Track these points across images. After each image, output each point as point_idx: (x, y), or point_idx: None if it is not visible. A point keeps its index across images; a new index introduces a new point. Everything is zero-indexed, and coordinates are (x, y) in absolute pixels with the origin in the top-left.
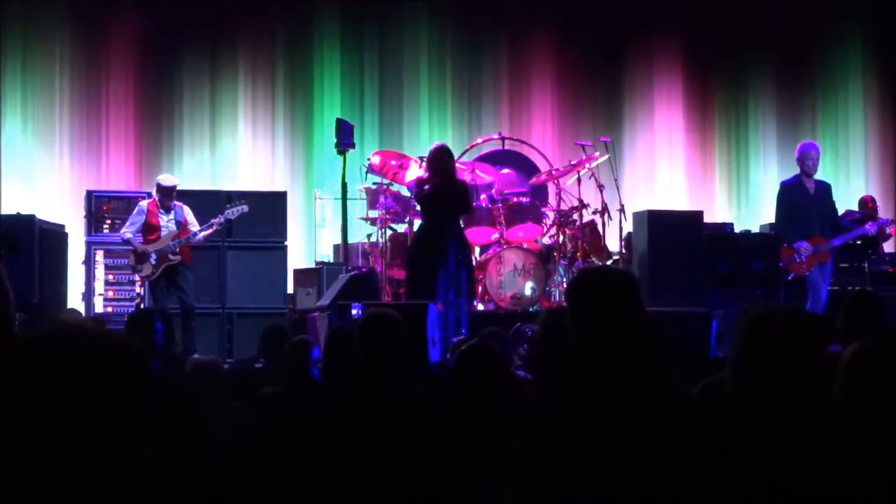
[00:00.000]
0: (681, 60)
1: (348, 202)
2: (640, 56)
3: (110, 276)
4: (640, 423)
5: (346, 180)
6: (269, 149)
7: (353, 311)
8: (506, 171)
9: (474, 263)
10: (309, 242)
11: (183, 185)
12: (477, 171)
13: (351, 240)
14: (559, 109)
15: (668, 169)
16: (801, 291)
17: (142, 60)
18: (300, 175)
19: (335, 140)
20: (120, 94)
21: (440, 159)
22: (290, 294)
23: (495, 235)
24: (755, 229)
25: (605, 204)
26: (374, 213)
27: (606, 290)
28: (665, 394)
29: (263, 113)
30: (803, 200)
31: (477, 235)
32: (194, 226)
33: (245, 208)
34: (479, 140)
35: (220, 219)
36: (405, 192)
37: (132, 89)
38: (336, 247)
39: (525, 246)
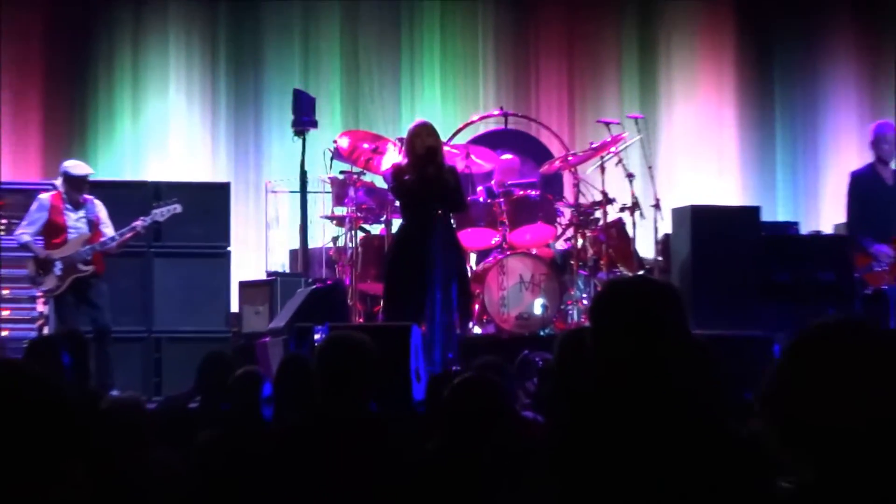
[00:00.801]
0: (733, 17)
1: (308, 196)
2: (680, 12)
3: (5, 291)
4: (682, 475)
5: (307, 168)
6: (207, 128)
7: (316, 336)
8: (509, 156)
9: (469, 274)
10: (259, 247)
11: (97, 175)
12: (472, 157)
13: (312, 244)
14: (576, 78)
15: (715, 153)
16: (882, 308)
17: (48, 16)
18: (247, 162)
19: (292, 117)
20: (18, 57)
21: (423, 141)
22: (234, 313)
23: (496, 239)
24: (827, 230)
25: (636, 198)
26: (341, 211)
27: (639, 307)
28: (714, 437)
29: (201, 83)
30: (879, 194)
31: (472, 238)
32: (108, 227)
33: (178, 208)
34: (475, 117)
35: (145, 221)
36: (381, 184)
37: (35, 51)
38: (293, 253)
39: (534, 252)
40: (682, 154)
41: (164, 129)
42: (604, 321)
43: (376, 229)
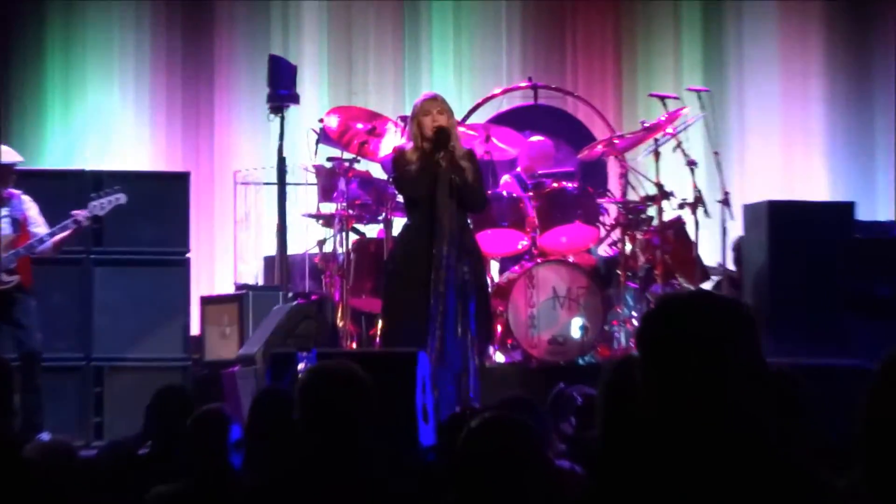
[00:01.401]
0: None
1: (288, 189)
2: None
3: None
4: None
5: (285, 154)
6: (161, 106)
7: (299, 366)
8: (539, 138)
9: (490, 287)
10: (225, 253)
11: (24, 163)
12: (494, 140)
13: (292, 249)
14: (623, 43)
15: (799, 136)
16: None
17: None
18: (210, 147)
19: (267, 90)
20: None
21: (433, 119)
22: (194, 336)
23: (523, 243)
24: None
25: (699, 192)
26: (329, 207)
27: (699, 330)
28: (801, 492)
29: (154, 49)
30: None
31: (494, 242)
32: (40, 226)
33: (122, 198)
34: (498, 90)
35: (83, 214)
36: (379, 173)
37: None
38: (268, 260)
39: (571, 259)
40: (756, 136)
41: (108, 108)
42: (655, 348)
43: (373, 231)
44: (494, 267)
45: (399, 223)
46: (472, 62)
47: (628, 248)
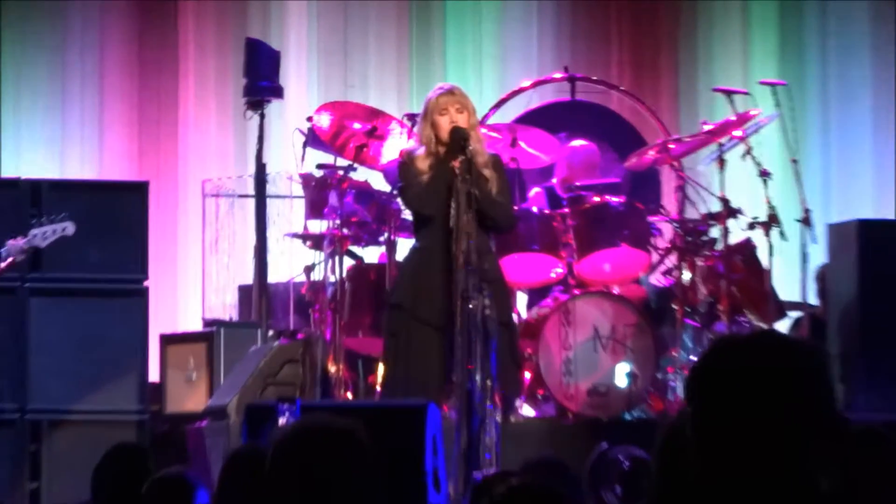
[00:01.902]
0: None
1: (269, 203)
2: None
3: None
4: None
5: (266, 160)
6: (114, 100)
7: (280, 420)
8: (581, 142)
9: (516, 324)
10: (192, 282)
11: None
12: (522, 144)
13: (275, 276)
14: (679, 27)
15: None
16: None
17: None
18: (174, 151)
19: (243, 82)
20: None
21: (450, 118)
22: (153, 384)
23: (558, 270)
24: None
25: (774, 208)
26: (319, 226)
27: (762, 379)
28: None
29: (103, 30)
30: None
31: (522, 270)
32: None
33: (69, 228)
34: (527, 83)
35: (17, 246)
36: (381, 184)
37: None
38: (244, 290)
39: (616, 291)
40: (845, 141)
41: (54, 106)
42: (707, 402)
43: (373, 255)
44: (522, 300)
45: (405, 245)
46: (496, 49)
47: (686, 277)
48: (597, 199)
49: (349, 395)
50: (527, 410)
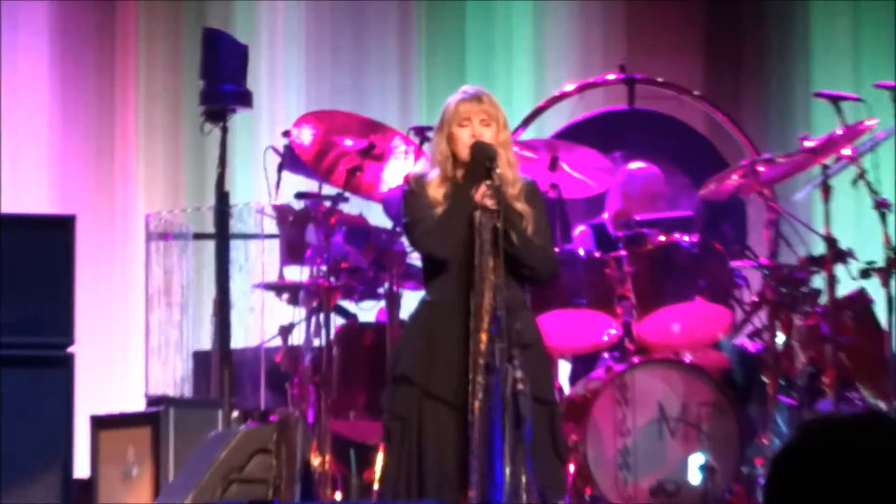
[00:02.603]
0: None
1: (233, 244)
2: None
3: None
4: None
5: (229, 188)
6: (33, 111)
7: None
8: (640, 164)
9: (558, 402)
10: (132, 347)
11: None
12: (564, 166)
13: (240, 340)
14: (764, 18)
15: None
16: None
17: None
18: (110, 177)
19: (199, 85)
20: None
21: (472, 130)
22: (80, 480)
23: (612, 331)
24: None
25: (895, 250)
26: (298, 274)
27: (861, 476)
28: None
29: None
30: None
31: (566, 331)
32: None
33: None
34: (570, 87)
35: None
36: (379, 220)
37: None
38: (202, 358)
39: (689, 359)
40: None
41: None
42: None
43: (369, 312)
44: (565, 370)
45: (412, 299)
46: (530, 42)
47: (780, 340)
48: (662, 238)
49: (338, 496)
50: None
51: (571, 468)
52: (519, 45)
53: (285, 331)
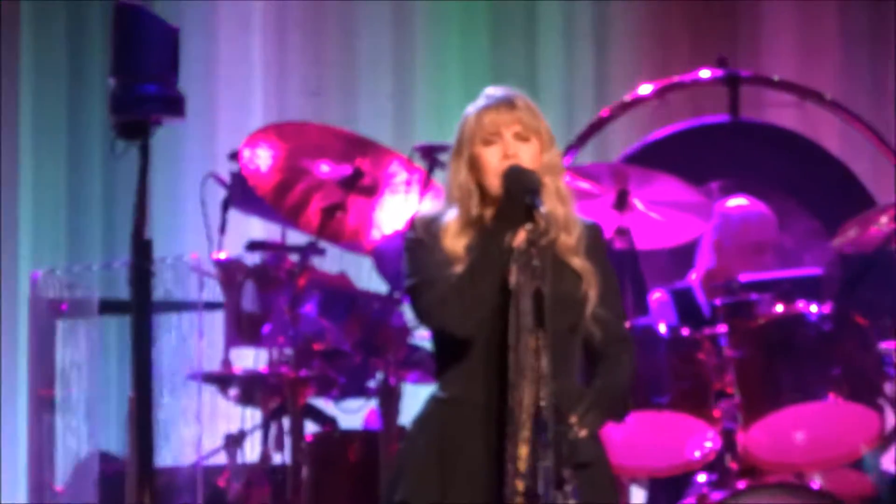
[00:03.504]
0: None
1: (156, 317)
2: None
3: None
4: None
5: (151, 236)
6: None
7: None
8: (742, 201)
9: None
10: (14, 464)
11: None
12: (637, 204)
13: (168, 455)
14: None
15: None
16: None
17: None
18: None
19: (111, 85)
20: None
21: (504, 148)
22: None
23: (707, 443)
24: None
25: None
26: (249, 358)
27: None
28: None
29: None
30: None
31: (641, 442)
32: None
33: None
34: (649, 87)
35: None
36: (369, 282)
37: None
38: (109, 482)
39: (818, 483)
40: None
41: None
42: None
43: (353, 415)
44: (638, 497)
45: (417, 396)
46: (584, 26)
47: None
48: (779, 308)
49: None
50: None
51: None
52: (579, 28)
53: (233, 442)
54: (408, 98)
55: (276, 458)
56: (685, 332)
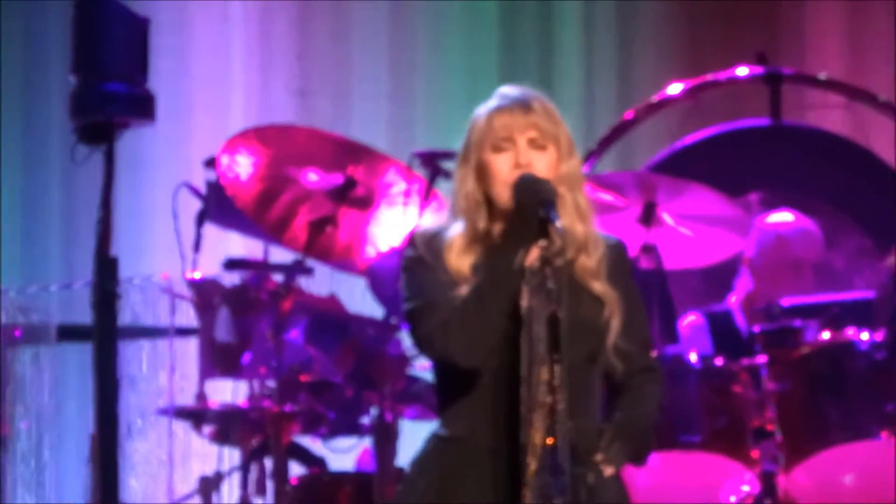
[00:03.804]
0: None
1: (121, 344)
2: None
3: None
4: None
5: (117, 253)
6: None
7: None
8: (786, 216)
9: None
10: None
11: None
12: (666, 218)
13: (135, 500)
14: None
15: None
16: None
17: None
18: None
19: (71, 83)
20: None
21: (518, 157)
22: None
23: (745, 487)
24: None
25: None
26: (226, 391)
27: None
28: None
29: None
30: None
31: (671, 484)
32: None
33: None
34: (679, 86)
35: None
36: (362, 304)
37: None
38: None
39: None
40: None
41: None
42: None
43: (344, 455)
44: None
45: (416, 434)
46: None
47: None
48: (826, 335)
49: None
50: None
51: None
52: (597, 18)
53: (208, 485)
54: (407, 100)
55: None
56: (720, 361)
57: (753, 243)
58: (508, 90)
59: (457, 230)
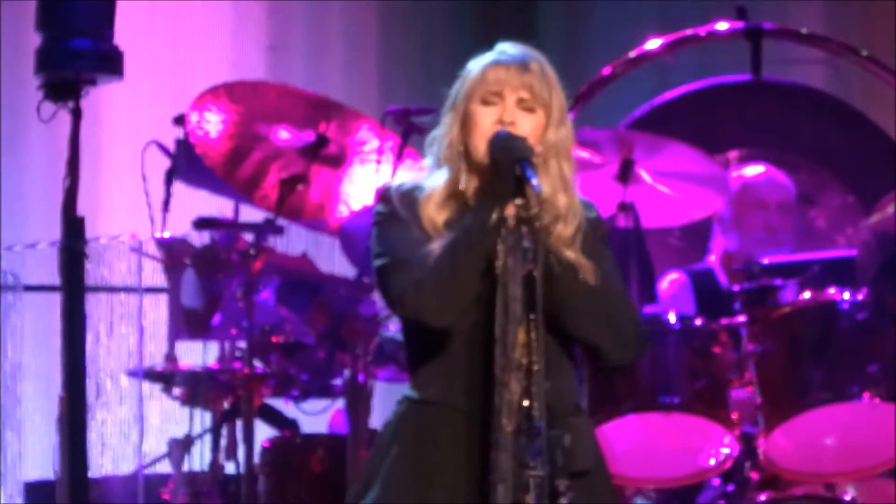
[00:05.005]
0: None
1: (90, 303)
2: None
3: None
4: None
5: (84, 212)
6: None
7: None
8: (759, 169)
9: None
10: None
11: None
12: (643, 175)
13: (104, 464)
14: None
15: None
16: None
17: None
18: None
19: (36, 39)
20: None
21: (501, 109)
22: None
23: (724, 450)
24: None
25: None
26: (196, 353)
27: None
28: None
29: None
30: None
31: (647, 448)
32: None
33: None
34: (657, 41)
35: None
36: (334, 264)
37: None
38: (36, 490)
39: (849, 495)
40: None
41: None
42: None
43: (316, 417)
44: None
45: (389, 395)
46: None
47: None
48: (807, 295)
49: None
50: None
51: None
52: None
53: (179, 448)
54: (381, 57)
55: (228, 467)
56: (698, 321)
57: (736, 201)
58: (509, 47)
59: (438, 181)
